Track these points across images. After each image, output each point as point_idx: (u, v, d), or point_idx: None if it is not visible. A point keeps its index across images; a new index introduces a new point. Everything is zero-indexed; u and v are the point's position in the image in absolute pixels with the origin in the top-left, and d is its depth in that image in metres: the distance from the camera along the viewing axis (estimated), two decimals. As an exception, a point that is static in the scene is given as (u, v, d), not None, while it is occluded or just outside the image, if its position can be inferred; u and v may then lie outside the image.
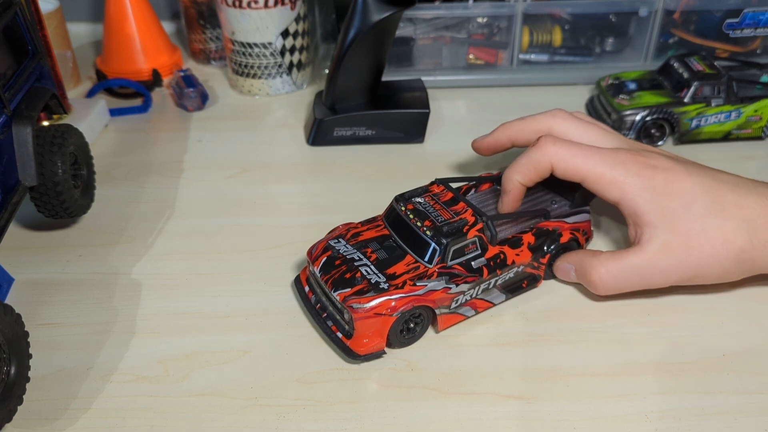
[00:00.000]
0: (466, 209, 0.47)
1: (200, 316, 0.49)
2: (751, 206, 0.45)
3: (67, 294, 0.51)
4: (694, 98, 0.65)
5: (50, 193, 0.52)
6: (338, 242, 0.48)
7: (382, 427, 0.40)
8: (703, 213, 0.45)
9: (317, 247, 0.48)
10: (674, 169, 0.46)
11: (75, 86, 0.82)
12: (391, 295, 0.44)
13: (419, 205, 0.48)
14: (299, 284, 0.50)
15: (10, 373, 0.40)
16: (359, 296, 0.44)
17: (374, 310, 0.43)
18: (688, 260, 0.45)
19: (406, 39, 0.77)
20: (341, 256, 0.47)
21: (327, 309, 0.47)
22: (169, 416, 0.41)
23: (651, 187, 0.45)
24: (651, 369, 0.44)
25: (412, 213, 0.47)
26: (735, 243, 0.45)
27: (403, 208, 0.48)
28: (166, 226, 0.58)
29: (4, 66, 0.49)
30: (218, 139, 0.71)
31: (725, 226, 0.45)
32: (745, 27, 0.74)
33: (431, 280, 0.45)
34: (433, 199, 0.49)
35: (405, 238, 0.47)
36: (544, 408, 0.41)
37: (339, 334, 0.45)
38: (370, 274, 0.45)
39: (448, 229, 0.46)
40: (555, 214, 0.52)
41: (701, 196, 0.45)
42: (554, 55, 0.79)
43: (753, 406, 0.41)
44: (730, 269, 0.46)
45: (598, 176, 0.47)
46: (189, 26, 0.85)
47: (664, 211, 0.45)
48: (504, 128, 0.54)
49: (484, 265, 0.47)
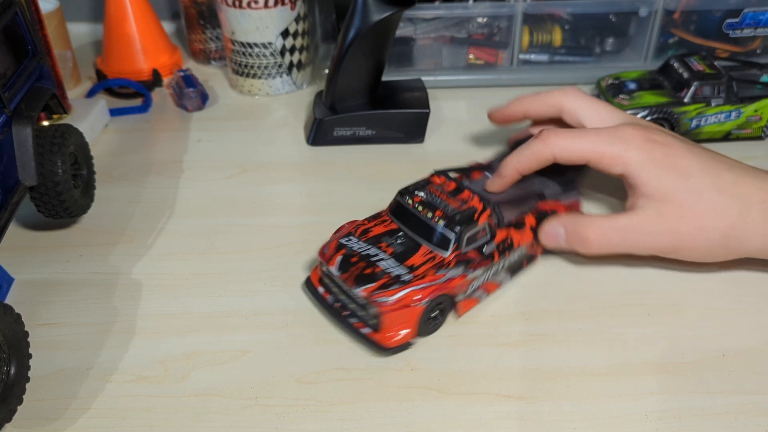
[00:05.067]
0: (472, 197, 0.49)
1: (200, 316, 0.49)
2: (748, 185, 0.46)
3: (67, 294, 0.51)
4: (694, 98, 0.65)
5: (50, 193, 0.52)
6: (349, 240, 0.48)
7: (382, 427, 0.41)
8: (698, 186, 0.46)
9: (329, 246, 0.48)
10: (673, 144, 0.48)
11: (75, 86, 0.82)
12: (415, 285, 0.44)
13: (426, 197, 0.49)
14: (311, 286, 0.49)
15: (10, 373, 0.40)
16: (384, 290, 0.44)
17: (401, 302, 0.44)
18: (677, 228, 0.47)
19: (406, 39, 0.77)
20: (356, 252, 0.47)
21: (347, 307, 0.46)
22: (169, 416, 0.41)
23: (650, 159, 0.47)
24: (651, 369, 0.44)
25: (420, 205, 0.48)
26: (726, 218, 0.46)
27: (410, 201, 0.49)
28: (166, 226, 0.58)
29: (4, 66, 0.49)
30: (218, 139, 0.71)
31: (718, 200, 0.46)
32: (745, 27, 0.74)
33: (450, 269, 0.46)
34: (438, 189, 0.49)
35: (417, 229, 0.48)
36: (544, 408, 0.41)
37: (364, 330, 0.45)
38: (391, 268, 0.45)
39: (460, 218, 0.47)
40: (549, 194, 0.53)
41: (698, 170, 0.46)
42: (554, 55, 0.79)
43: (753, 406, 0.41)
44: (717, 245, 0.47)
45: (601, 155, 0.48)
46: (189, 26, 0.85)
47: (661, 182, 0.47)
48: (519, 101, 0.57)
49: (495, 250, 0.48)
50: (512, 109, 0.58)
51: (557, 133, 0.50)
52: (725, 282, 0.50)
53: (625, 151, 0.48)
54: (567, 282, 0.51)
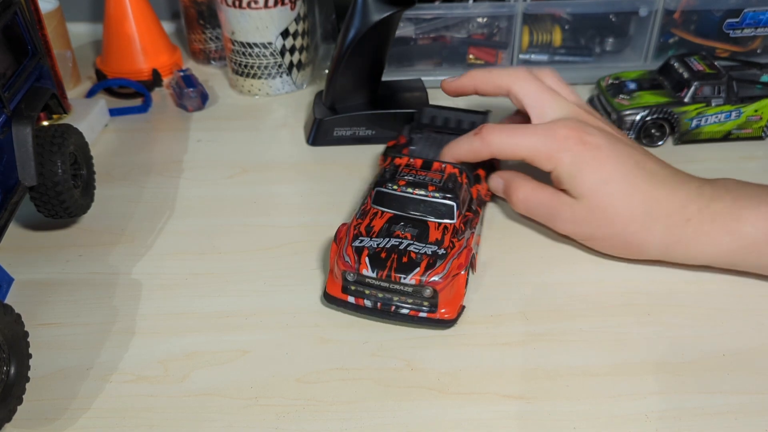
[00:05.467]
0: (444, 165, 0.52)
1: (200, 316, 0.49)
2: (659, 198, 0.48)
3: (67, 294, 0.51)
4: (694, 98, 0.65)
5: (50, 193, 0.52)
6: (362, 241, 0.47)
7: (382, 427, 0.40)
8: (613, 192, 0.49)
9: (348, 255, 0.47)
10: (602, 148, 0.50)
11: (75, 86, 0.82)
12: (453, 256, 0.46)
13: (410, 179, 0.51)
14: (336, 299, 0.48)
15: (10, 373, 0.40)
16: (431, 269, 0.45)
17: (450, 275, 0.46)
18: (586, 225, 0.50)
19: (406, 39, 0.77)
20: (380, 248, 0.47)
21: (391, 302, 0.47)
22: (169, 416, 0.41)
23: (577, 162, 0.50)
24: (651, 369, 0.44)
25: (409, 187, 0.50)
26: (630, 225, 0.49)
27: (396, 188, 0.50)
28: (166, 226, 0.58)
29: (3, 66, 0.49)
30: (218, 139, 0.71)
31: (627, 210, 0.49)
32: (745, 27, 0.74)
33: (463, 232, 0.49)
34: (412, 169, 0.52)
35: (418, 209, 0.49)
36: (544, 408, 0.41)
37: (422, 314, 0.46)
38: (422, 249, 0.47)
39: (452, 185, 0.50)
40: None
41: (618, 178, 0.49)
42: (554, 55, 0.79)
43: (753, 406, 0.41)
44: (620, 247, 0.51)
45: (534, 152, 0.51)
46: (189, 26, 0.85)
47: (582, 184, 0.49)
48: (470, 76, 0.58)
49: (477, 205, 0.53)
50: (464, 83, 0.59)
51: (494, 131, 0.52)
52: (725, 282, 0.50)
53: (557, 152, 0.50)
54: (567, 282, 0.51)
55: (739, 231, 0.47)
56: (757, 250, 0.47)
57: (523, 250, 0.54)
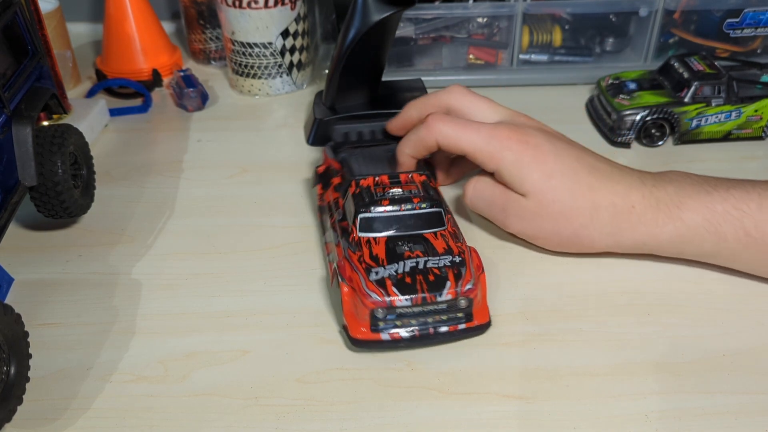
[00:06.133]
0: (410, 174, 0.51)
1: (200, 316, 0.49)
2: (602, 189, 0.50)
3: (67, 294, 0.51)
4: (695, 98, 0.65)
5: (50, 193, 0.52)
6: (378, 273, 0.45)
7: (382, 427, 0.40)
8: (556, 187, 0.50)
9: (373, 291, 0.44)
10: (542, 147, 0.51)
11: (75, 86, 0.82)
12: (469, 259, 0.46)
13: (391, 196, 0.49)
14: (368, 343, 0.45)
15: (10, 373, 0.40)
16: (460, 279, 0.45)
17: (476, 278, 0.46)
18: (533, 222, 0.51)
19: (406, 39, 0.77)
20: (401, 274, 0.45)
21: (428, 324, 0.45)
22: (169, 416, 0.41)
23: (519, 161, 0.50)
24: (651, 369, 0.44)
25: (394, 205, 0.48)
26: (576, 219, 0.50)
27: (382, 209, 0.48)
28: (166, 226, 0.58)
29: (3, 66, 0.49)
30: (218, 139, 0.71)
31: (572, 203, 0.50)
32: (745, 27, 0.74)
33: (457, 234, 0.49)
34: (382, 187, 0.50)
35: (410, 225, 0.48)
36: (544, 408, 0.41)
37: (461, 327, 0.45)
38: (441, 261, 0.46)
39: (432, 193, 0.50)
40: None
41: (559, 173, 0.50)
42: (554, 55, 0.79)
43: (753, 406, 0.41)
44: (567, 241, 0.51)
45: (477, 150, 0.51)
46: (189, 26, 0.85)
47: (525, 182, 0.50)
48: (409, 108, 0.59)
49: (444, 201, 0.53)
50: (406, 116, 0.59)
51: (441, 119, 0.53)
52: (725, 282, 0.50)
53: (499, 151, 0.51)
54: (567, 282, 0.51)
55: (681, 218, 0.48)
56: (699, 237, 0.48)
57: (523, 250, 0.54)
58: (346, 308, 0.45)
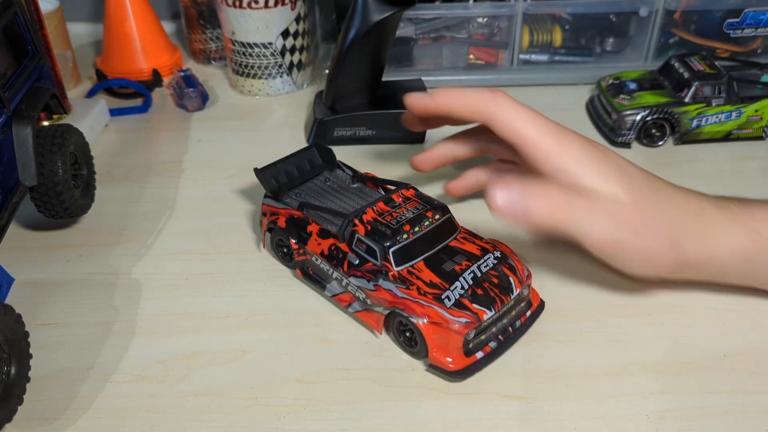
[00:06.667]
0: (400, 191, 0.49)
1: (200, 316, 0.49)
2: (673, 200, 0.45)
3: (67, 294, 0.51)
4: (695, 98, 0.65)
5: (50, 193, 0.52)
6: (449, 297, 0.43)
7: (382, 427, 0.40)
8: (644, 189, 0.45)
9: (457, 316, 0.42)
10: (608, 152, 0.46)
11: (75, 86, 0.82)
12: (507, 252, 0.48)
13: (408, 219, 0.46)
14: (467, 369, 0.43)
15: (10, 373, 0.40)
16: (514, 272, 0.46)
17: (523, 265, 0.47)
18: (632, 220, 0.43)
19: (406, 39, 0.77)
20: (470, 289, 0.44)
21: (506, 326, 0.45)
22: (169, 416, 0.41)
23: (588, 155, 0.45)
24: (651, 369, 0.44)
25: (415, 227, 0.46)
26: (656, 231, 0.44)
27: (407, 235, 0.45)
28: (166, 226, 0.58)
29: (4, 66, 0.49)
30: (218, 139, 0.71)
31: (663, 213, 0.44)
32: (745, 27, 0.74)
33: (472, 231, 0.49)
34: (389, 213, 0.47)
35: (438, 239, 0.47)
36: (544, 408, 0.41)
37: (528, 314, 0.47)
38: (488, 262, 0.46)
39: (436, 203, 0.48)
40: None
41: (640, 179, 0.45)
42: (554, 55, 0.79)
43: (753, 406, 0.41)
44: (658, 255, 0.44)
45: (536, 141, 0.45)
46: (189, 26, 0.85)
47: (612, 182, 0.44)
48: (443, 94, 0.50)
49: None
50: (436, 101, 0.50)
51: (509, 99, 0.47)
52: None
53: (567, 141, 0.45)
54: (567, 282, 0.51)
55: (754, 228, 0.44)
56: None
57: (522, 250, 0.54)
58: (433, 344, 0.43)
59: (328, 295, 0.49)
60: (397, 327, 0.45)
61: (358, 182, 0.54)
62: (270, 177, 0.53)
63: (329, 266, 0.48)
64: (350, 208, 0.50)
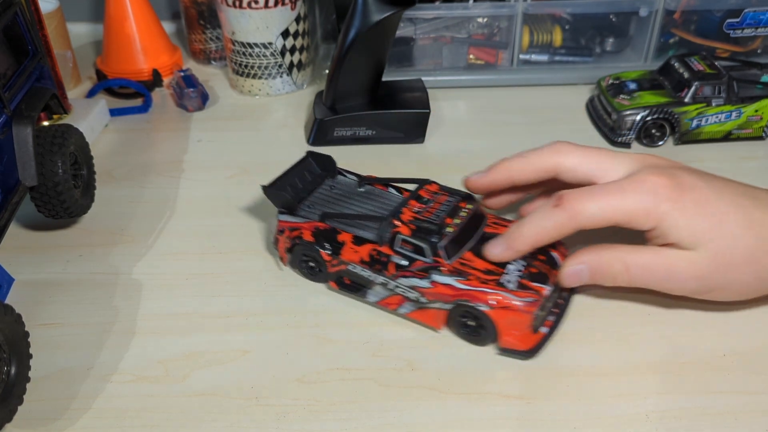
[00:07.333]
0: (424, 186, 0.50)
1: (200, 316, 0.49)
2: None
3: (67, 294, 0.51)
4: (695, 98, 0.65)
5: (50, 193, 0.52)
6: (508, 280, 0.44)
7: (382, 427, 0.40)
8: (732, 232, 0.43)
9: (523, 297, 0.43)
10: (699, 187, 0.44)
11: (75, 86, 0.82)
12: None
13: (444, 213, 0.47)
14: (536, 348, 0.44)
15: (11, 373, 0.40)
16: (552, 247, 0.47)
17: None
18: (711, 276, 0.44)
19: (406, 39, 0.77)
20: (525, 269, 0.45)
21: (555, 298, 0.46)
22: (169, 416, 0.41)
23: (682, 209, 0.43)
24: (651, 369, 0.44)
25: (455, 219, 0.46)
26: (760, 260, 0.44)
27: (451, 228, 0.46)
28: (166, 226, 0.58)
29: (4, 66, 0.49)
30: (218, 139, 0.71)
31: (752, 245, 0.43)
32: (745, 27, 0.74)
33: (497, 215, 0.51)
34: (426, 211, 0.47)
35: (475, 227, 0.48)
36: (544, 408, 0.41)
37: None
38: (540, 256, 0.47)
39: (465, 193, 0.49)
40: None
41: (730, 213, 0.44)
42: (554, 55, 0.79)
43: (753, 406, 0.41)
44: (751, 286, 0.45)
45: (630, 212, 0.44)
46: (189, 26, 0.85)
47: (695, 233, 0.43)
48: (503, 167, 0.50)
49: None
50: (495, 177, 0.51)
51: (578, 198, 0.44)
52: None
53: (656, 205, 0.43)
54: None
55: None
56: None
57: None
58: (502, 328, 0.43)
59: (372, 301, 0.48)
60: (458, 319, 0.45)
61: (365, 185, 0.53)
62: (281, 192, 0.51)
63: (372, 272, 0.47)
64: (372, 212, 0.50)
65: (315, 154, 0.55)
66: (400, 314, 0.48)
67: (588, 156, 0.48)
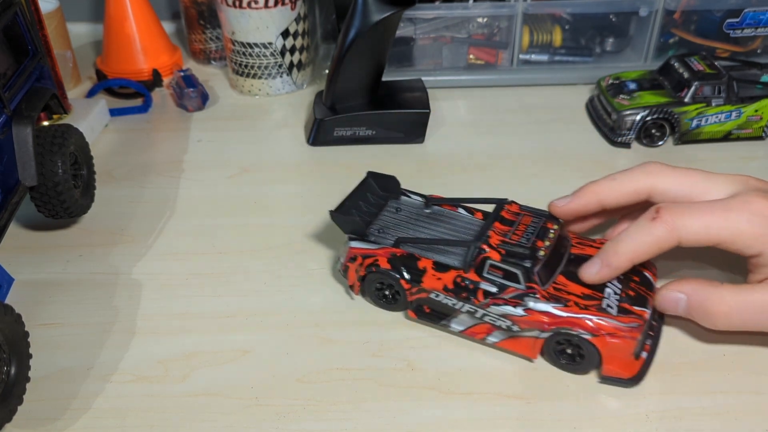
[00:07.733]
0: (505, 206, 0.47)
1: (200, 316, 0.49)
2: None
3: (67, 294, 0.51)
4: (695, 98, 0.65)
5: (50, 193, 0.52)
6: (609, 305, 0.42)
7: (382, 427, 0.40)
8: None
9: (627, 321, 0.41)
10: None
11: (75, 86, 0.82)
12: None
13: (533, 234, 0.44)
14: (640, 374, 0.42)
15: (11, 373, 0.40)
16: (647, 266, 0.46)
17: None
18: None
19: (406, 39, 0.77)
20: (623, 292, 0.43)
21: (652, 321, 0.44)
22: (169, 416, 0.41)
23: None
24: (651, 369, 0.44)
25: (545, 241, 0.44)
26: None
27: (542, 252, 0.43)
28: (166, 226, 0.58)
29: (4, 66, 0.49)
30: (218, 139, 0.71)
31: None
32: (745, 27, 0.74)
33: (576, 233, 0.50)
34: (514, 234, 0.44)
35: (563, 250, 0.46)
36: (544, 408, 0.41)
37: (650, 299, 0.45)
38: None
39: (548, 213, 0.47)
40: None
41: None
42: (554, 55, 0.79)
43: (753, 406, 0.41)
44: None
45: (736, 234, 0.42)
46: (189, 26, 0.85)
47: None
48: (591, 190, 0.48)
49: None
50: (584, 201, 0.48)
51: (679, 212, 0.42)
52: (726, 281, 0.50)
53: (764, 229, 0.41)
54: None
55: None
56: None
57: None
58: (607, 356, 0.41)
59: (457, 330, 0.45)
60: (556, 347, 0.43)
61: (432, 206, 0.51)
62: (351, 217, 0.48)
63: (457, 300, 0.44)
64: (448, 235, 0.48)
65: (375, 174, 0.53)
66: (488, 344, 0.45)
67: (683, 177, 0.46)
